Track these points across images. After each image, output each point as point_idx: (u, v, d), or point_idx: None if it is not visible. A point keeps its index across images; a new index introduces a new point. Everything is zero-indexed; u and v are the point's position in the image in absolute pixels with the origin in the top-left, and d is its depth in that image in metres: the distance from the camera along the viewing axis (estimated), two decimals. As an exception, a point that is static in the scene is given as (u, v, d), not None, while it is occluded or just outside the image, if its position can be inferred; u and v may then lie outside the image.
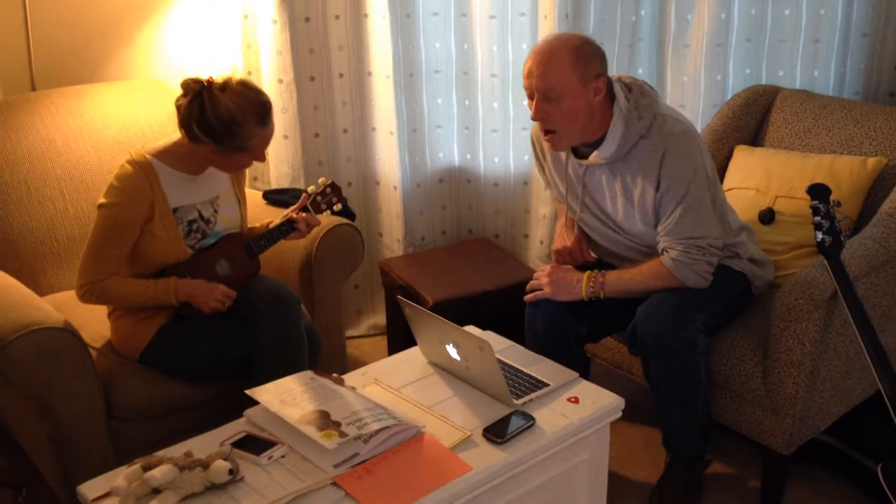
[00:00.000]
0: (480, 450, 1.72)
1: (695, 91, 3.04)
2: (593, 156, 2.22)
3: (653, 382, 2.25)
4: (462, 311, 2.73)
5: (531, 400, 1.88)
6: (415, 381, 1.99)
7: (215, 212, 2.29)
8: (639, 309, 2.20)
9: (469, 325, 2.20)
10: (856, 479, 2.39)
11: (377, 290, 3.33)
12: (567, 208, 2.40)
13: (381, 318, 3.32)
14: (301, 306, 2.31)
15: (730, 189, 2.68)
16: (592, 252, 2.44)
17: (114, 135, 2.70)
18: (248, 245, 2.31)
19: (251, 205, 2.66)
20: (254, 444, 1.73)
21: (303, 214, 2.34)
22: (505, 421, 1.79)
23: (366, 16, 3.00)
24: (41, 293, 2.51)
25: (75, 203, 2.61)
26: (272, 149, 3.08)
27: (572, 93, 2.10)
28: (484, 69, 3.10)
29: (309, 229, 2.35)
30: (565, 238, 2.43)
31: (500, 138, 3.19)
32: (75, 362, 2.08)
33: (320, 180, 2.40)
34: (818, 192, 2.13)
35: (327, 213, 2.41)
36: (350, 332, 3.33)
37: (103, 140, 2.69)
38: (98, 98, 2.74)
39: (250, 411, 1.86)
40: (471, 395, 1.91)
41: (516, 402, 1.86)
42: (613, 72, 3.00)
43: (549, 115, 2.14)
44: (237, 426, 1.82)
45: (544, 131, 2.20)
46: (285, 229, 2.33)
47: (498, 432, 1.75)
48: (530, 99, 2.16)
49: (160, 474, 1.55)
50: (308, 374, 1.93)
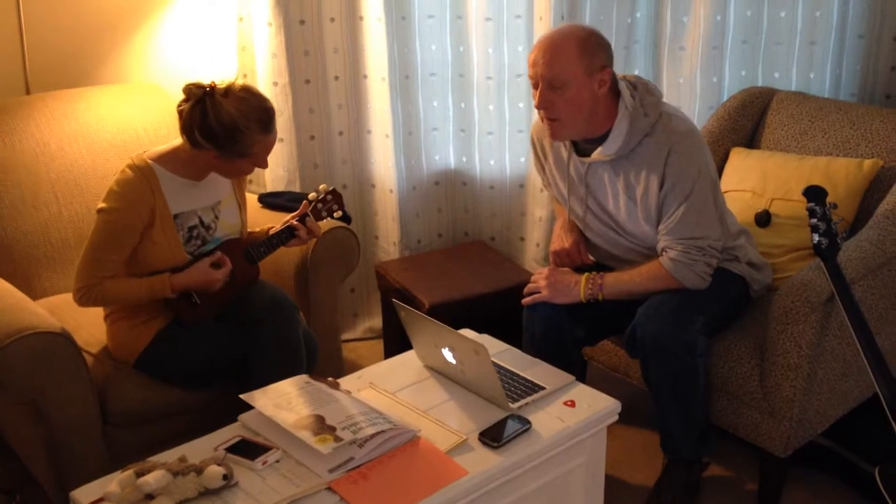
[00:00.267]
0: (476, 454, 1.72)
1: (691, 93, 3.03)
2: (597, 152, 2.21)
3: (652, 384, 2.24)
4: (458, 314, 2.72)
5: (527, 404, 1.87)
6: (410, 385, 1.98)
7: (216, 217, 2.28)
8: (638, 311, 2.19)
9: (465, 329, 2.20)
10: (853, 482, 2.38)
11: (373, 294, 3.32)
12: (568, 209, 2.39)
13: (377, 322, 3.31)
14: (299, 313, 2.31)
15: (726, 191, 2.66)
16: (590, 254, 2.43)
17: (108, 138, 2.69)
18: (247, 252, 2.30)
19: (247, 208, 2.65)
20: (248, 448, 1.73)
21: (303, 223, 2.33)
22: (501, 425, 1.78)
23: (361, 18, 3.00)
24: (35, 297, 2.49)
25: (69, 207, 2.60)
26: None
27: (577, 82, 2.10)
28: (480, 71, 3.09)
29: (310, 237, 2.34)
30: (563, 239, 2.42)
31: (496, 141, 3.18)
32: (69, 367, 2.07)
33: (321, 187, 2.39)
34: (814, 194, 2.12)
35: (327, 219, 2.40)
36: (346, 336, 3.31)
37: (98, 143, 2.67)
38: (93, 101, 2.72)
39: (245, 416, 1.85)
40: (467, 399, 1.91)
41: (512, 405, 1.85)
42: None
43: (553, 103, 2.13)
44: (232, 431, 1.81)
45: (548, 120, 2.18)
46: (285, 236, 2.32)
47: (494, 436, 1.75)
48: (535, 88, 2.15)
49: (153, 480, 1.54)
50: (303, 379, 1.93)
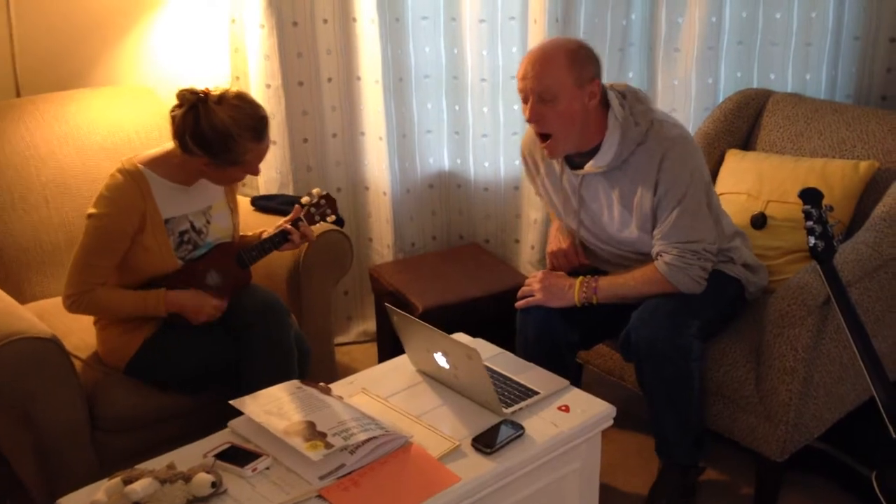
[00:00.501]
0: (469, 460, 1.70)
1: (686, 95, 3.02)
2: (589, 165, 2.20)
3: (646, 389, 2.22)
4: (452, 317, 2.70)
5: (521, 409, 1.85)
6: (403, 390, 1.96)
7: (207, 222, 2.26)
8: (633, 315, 2.18)
9: (458, 333, 2.18)
10: (850, 486, 2.36)
11: (367, 297, 3.30)
12: (563, 223, 2.38)
13: (371, 325, 3.30)
14: (290, 316, 2.29)
15: (721, 194, 2.65)
16: (587, 258, 2.41)
17: (99, 141, 2.67)
18: (239, 256, 2.28)
19: (239, 211, 2.63)
20: (238, 455, 1.71)
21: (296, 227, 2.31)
22: (494, 430, 1.76)
23: (354, 20, 2.98)
24: (25, 301, 2.48)
25: (60, 210, 2.58)
26: (260, 154, 3.06)
27: (568, 94, 2.08)
28: (474, 73, 3.08)
29: (303, 241, 2.33)
30: (560, 241, 2.41)
31: (491, 143, 3.16)
32: (58, 372, 2.05)
33: (314, 191, 2.37)
34: (810, 196, 2.11)
35: (322, 224, 2.38)
36: (340, 339, 3.30)
37: (88, 146, 2.65)
38: (84, 104, 2.70)
39: (235, 422, 1.83)
40: (460, 404, 1.89)
41: (506, 410, 1.83)
42: (604, 77, 2.96)
43: (544, 116, 2.11)
44: (221, 437, 1.79)
45: (541, 137, 2.17)
46: (278, 241, 2.30)
47: (487, 442, 1.73)
48: (525, 102, 2.13)
49: (140, 488, 1.52)
50: (294, 384, 1.91)
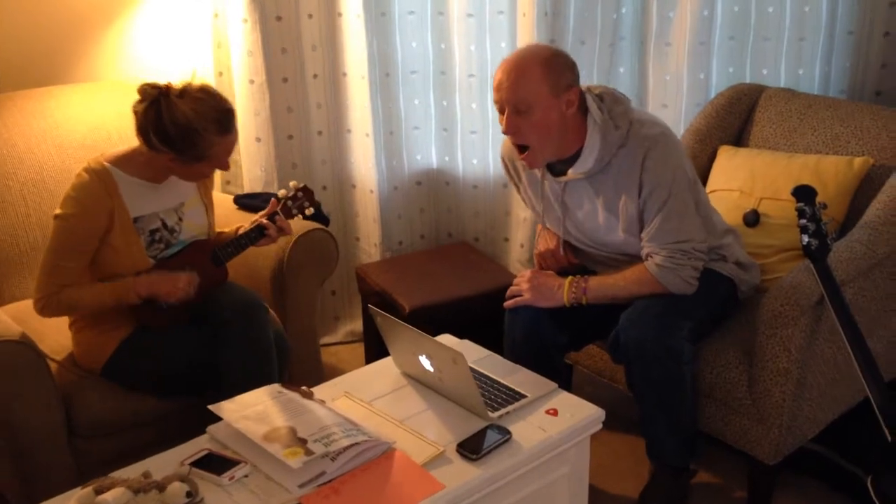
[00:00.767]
0: (454, 466, 1.65)
1: (677, 90, 2.98)
2: (571, 171, 2.16)
3: (636, 391, 2.18)
4: (440, 318, 2.67)
5: (508, 413, 1.80)
6: (387, 394, 1.91)
7: (180, 220, 2.21)
8: (622, 316, 2.13)
9: (445, 334, 2.14)
10: (844, 488, 2.33)
11: (354, 296, 3.25)
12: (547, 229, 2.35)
13: (358, 325, 3.25)
14: (269, 313, 2.24)
15: (713, 191, 2.62)
16: (575, 257, 2.37)
17: (79, 138, 2.62)
18: (214, 253, 2.23)
19: (223, 209, 2.60)
20: (215, 463, 1.66)
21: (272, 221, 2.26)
22: (480, 435, 1.72)
23: (340, 14, 2.93)
24: (2, 303, 2.44)
25: (38, 209, 2.52)
26: (245, 152, 3.02)
27: (544, 104, 2.03)
28: (462, 69, 3.03)
29: (280, 235, 2.28)
30: (548, 240, 2.37)
31: (480, 139, 3.12)
32: (33, 376, 2.01)
33: (291, 183, 2.32)
34: (804, 193, 2.07)
35: (299, 217, 2.33)
36: (327, 339, 3.25)
37: (68, 143, 2.60)
38: (63, 100, 2.66)
39: (213, 427, 1.78)
40: (445, 408, 1.84)
41: (492, 414, 1.78)
42: (594, 71, 2.97)
43: (520, 128, 2.07)
44: (199, 444, 1.75)
45: (518, 149, 2.13)
46: (254, 236, 2.25)
47: (472, 448, 1.68)
48: (501, 113, 2.09)
49: (112, 498, 1.47)
50: (275, 388, 1.86)
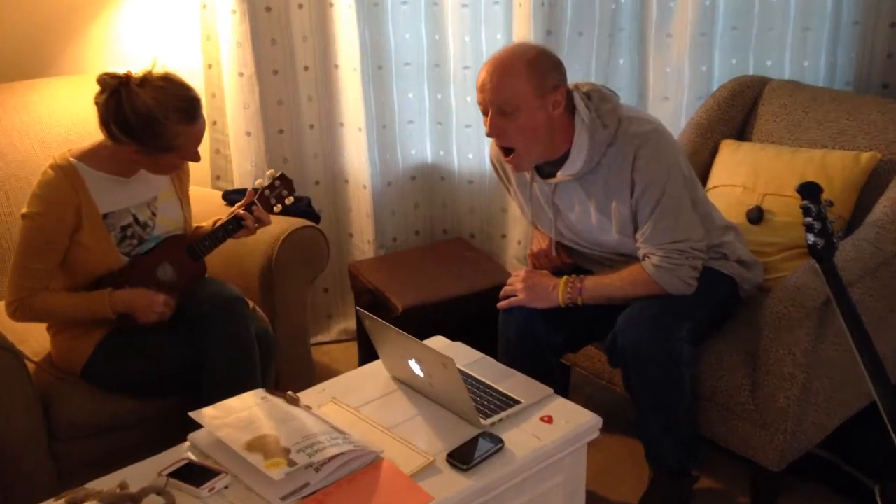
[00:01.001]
0: (444, 477, 1.59)
1: (678, 83, 2.91)
2: (560, 173, 2.09)
3: (634, 395, 2.12)
4: (434, 317, 2.61)
5: (500, 420, 1.74)
6: (376, 399, 1.85)
7: (153, 214, 2.16)
8: (619, 318, 2.07)
9: (437, 336, 2.07)
10: (850, 493, 2.27)
11: (348, 294, 3.19)
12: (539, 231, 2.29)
13: (352, 323, 3.19)
14: (249, 308, 2.18)
15: (715, 186, 2.56)
16: (569, 257, 2.31)
17: (63, 133, 2.56)
18: (191, 247, 2.17)
19: (212, 205, 2.55)
20: (195, 473, 1.59)
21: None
22: (471, 444, 1.65)
23: (331, 5, 2.86)
24: (-15, 302, 2.37)
25: (20, 206, 2.43)
26: (235, 146, 2.96)
27: (529, 105, 1.97)
28: (456, 61, 2.96)
29: (259, 226, 2.21)
30: (541, 241, 2.30)
31: (475, 133, 3.04)
32: (10, 378, 1.96)
33: (268, 173, 2.27)
34: (809, 191, 1.99)
35: (278, 207, 2.26)
36: (320, 338, 3.19)
37: (51, 138, 2.55)
38: (47, 93, 2.61)
39: (195, 435, 1.72)
40: (436, 415, 1.78)
41: (484, 421, 1.72)
42: (592, 63, 2.89)
43: (505, 130, 2.00)
44: (179, 452, 1.68)
45: (503, 151, 2.06)
46: (231, 228, 2.19)
47: (463, 458, 1.61)
48: (485, 115, 2.02)
49: (83, 514, 1.40)
50: (259, 394, 1.79)
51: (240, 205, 2.22)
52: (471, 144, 3.07)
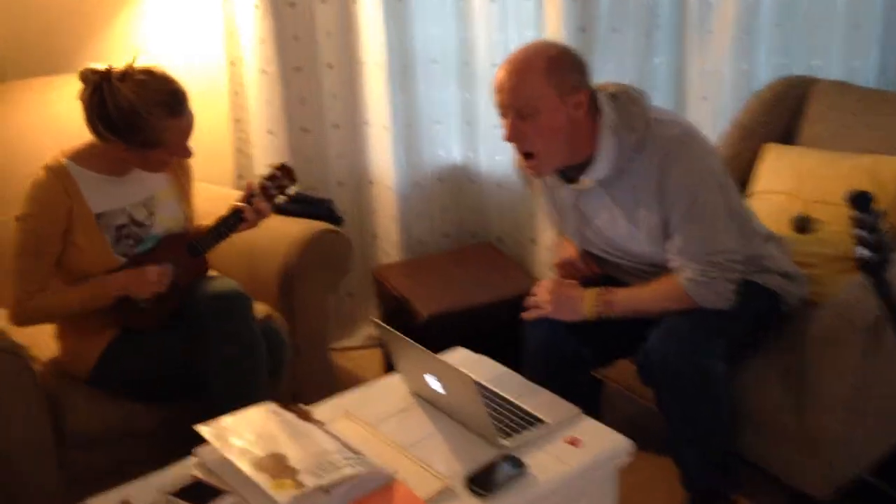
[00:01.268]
0: (461, 503, 1.49)
1: (719, 83, 2.83)
2: (584, 179, 1.99)
3: (665, 413, 2.01)
4: (459, 325, 2.55)
5: (523, 441, 1.64)
6: (392, 415, 1.77)
7: (151, 213, 2.12)
8: (651, 335, 1.96)
9: (459, 348, 2.00)
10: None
11: (373, 298, 3.12)
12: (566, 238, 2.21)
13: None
14: (251, 304, 2.12)
15: (756, 193, 2.45)
16: (598, 267, 2.20)
17: (77, 131, 2.49)
18: (190, 245, 2.13)
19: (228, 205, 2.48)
20: (200, 492, 1.53)
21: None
22: (492, 468, 1.55)
23: (355, 0, 2.80)
24: (-1, 305, 2.34)
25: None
26: (258, 144, 2.91)
27: (549, 107, 1.87)
28: (485, 58, 2.90)
29: (259, 219, 2.15)
30: (569, 249, 2.21)
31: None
32: (17, 383, 1.94)
33: (270, 163, 2.22)
34: (859, 200, 1.86)
35: (280, 198, 2.19)
36: (345, 343, 3.13)
37: (67, 136, 2.47)
38: (65, 91, 2.54)
39: (201, 450, 1.64)
40: (455, 434, 1.69)
41: (506, 443, 1.63)
42: (627, 62, 2.83)
43: (524, 134, 1.90)
44: (185, 468, 1.62)
45: (524, 156, 1.96)
46: (232, 222, 2.13)
47: (482, 482, 1.52)
48: (503, 118, 1.92)
49: (78, 536, 1.33)
50: (270, 407, 1.72)
51: (240, 197, 2.17)
52: (499, 146, 2.97)
